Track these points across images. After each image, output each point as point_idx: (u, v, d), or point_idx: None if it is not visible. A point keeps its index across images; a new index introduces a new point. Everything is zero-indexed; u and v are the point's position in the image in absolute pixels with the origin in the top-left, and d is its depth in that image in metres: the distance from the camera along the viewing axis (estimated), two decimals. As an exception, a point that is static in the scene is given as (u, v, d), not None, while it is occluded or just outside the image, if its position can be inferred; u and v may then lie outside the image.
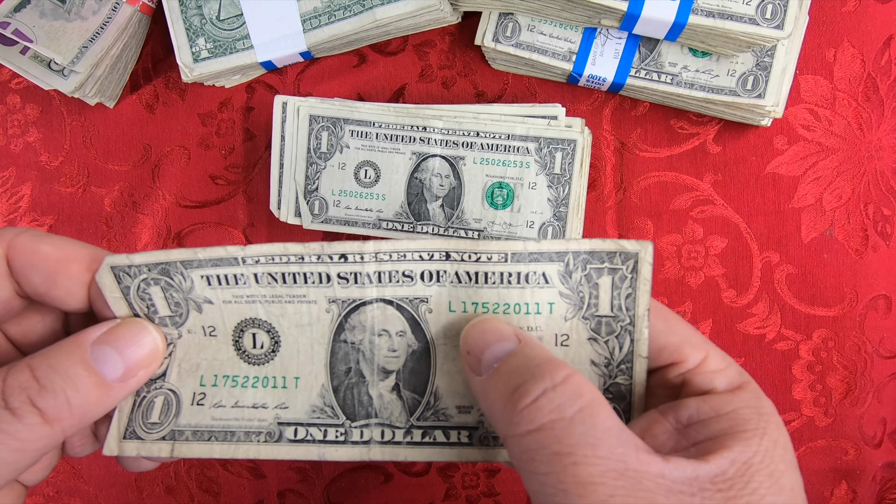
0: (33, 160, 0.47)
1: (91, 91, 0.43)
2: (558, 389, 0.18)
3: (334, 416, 0.23)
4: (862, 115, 0.42)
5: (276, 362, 0.23)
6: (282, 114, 0.41)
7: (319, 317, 0.23)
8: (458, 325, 0.23)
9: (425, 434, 0.23)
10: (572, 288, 0.22)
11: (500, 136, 0.39)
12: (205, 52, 0.42)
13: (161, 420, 0.23)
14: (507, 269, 0.22)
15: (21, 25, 0.41)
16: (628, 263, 0.22)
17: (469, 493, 0.45)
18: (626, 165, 0.43)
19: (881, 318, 0.43)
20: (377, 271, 0.22)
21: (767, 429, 0.20)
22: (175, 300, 0.23)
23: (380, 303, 0.23)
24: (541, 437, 0.18)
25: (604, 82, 0.41)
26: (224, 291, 0.23)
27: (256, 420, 0.23)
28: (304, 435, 0.23)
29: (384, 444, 0.23)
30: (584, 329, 0.22)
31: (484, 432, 0.23)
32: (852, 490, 0.43)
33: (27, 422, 0.18)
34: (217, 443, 0.23)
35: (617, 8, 0.37)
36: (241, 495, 0.46)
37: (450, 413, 0.23)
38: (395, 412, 0.23)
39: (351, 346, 0.23)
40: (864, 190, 0.43)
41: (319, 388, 0.23)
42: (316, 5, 0.41)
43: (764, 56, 0.39)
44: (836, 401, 0.43)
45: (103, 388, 0.20)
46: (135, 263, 0.22)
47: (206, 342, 0.23)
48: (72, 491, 0.47)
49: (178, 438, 0.23)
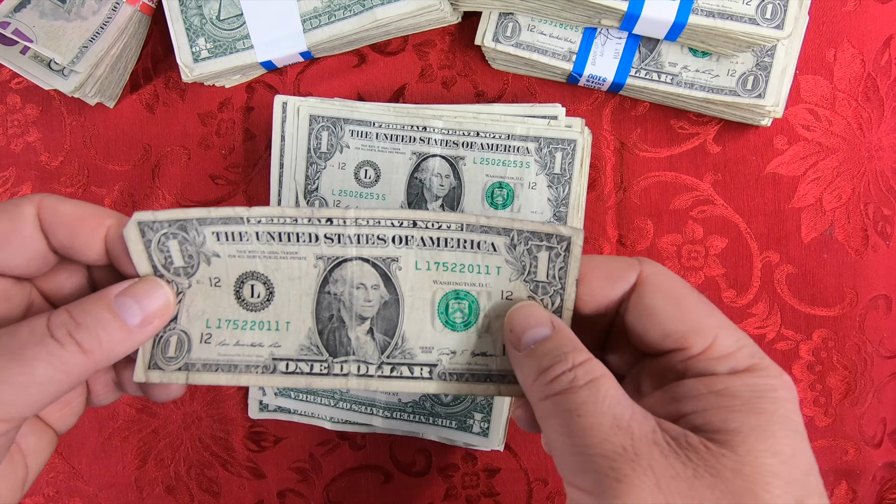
0: (33, 160, 0.47)
1: (91, 91, 0.43)
2: (576, 369, 0.23)
3: (319, 354, 0.27)
4: (862, 115, 0.42)
5: (270, 309, 0.27)
6: (282, 114, 0.41)
7: (308, 271, 0.27)
8: (422, 281, 0.27)
9: (393, 369, 0.28)
10: (516, 257, 0.27)
11: (500, 136, 0.39)
12: (205, 52, 0.42)
13: (176, 355, 0.27)
14: (462, 236, 0.27)
15: (21, 25, 0.41)
16: (563, 244, 0.26)
17: (469, 493, 0.45)
18: (626, 165, 0.43)
19: (881, 318, 0.43)
20: (357, 234, 0.27)
21: (762, 403, 0.21)
22: (188, 253, 0.27)
23: (358, 261, 0.27)
24: (558, 400, 0.22)
25: (604, 82, 0.41)
26: (230, 247, 0.27)
27: (254, 356, 0.27)
28: (294, 368, 0.28)
29: (360, 377, 0.27)
30: (524, 289, 0.27)
31: (441, 369, 0.27)
32: (852, 490, 0.43)
33: (68, 349, 0.23)
34: (223, 373, 0.27)
35: (617, 8, 0.37)
36: (241, 495, 0.46)
37: (414, 353, 0.27)
38: (369, 351, 0.27)
39: (333, 297, 0.27)
40: (864, 190, 0.43)
41: (307, 331, 0.27)
42: (316, 5, 0.41)
43: (764, 56, 0.39)
44: (836, 401, 0.43)
45: (125, 331, 0.24)
46: (158, 219, 0.26)
47: (212, 291, 0.27)
48: (72, 491, 0.47)
49: (192, 369, 0.27)
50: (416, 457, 0.45)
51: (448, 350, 0.27)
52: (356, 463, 0.46)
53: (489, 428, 0.42)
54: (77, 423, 0.47)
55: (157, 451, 0.47)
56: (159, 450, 0.47)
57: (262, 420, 0.46)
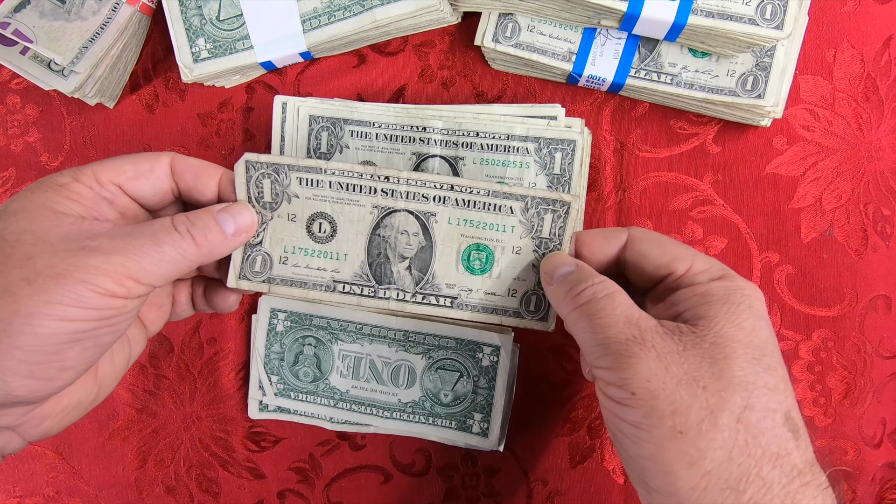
0: (33, 160, 0.47)
1: (91, 91, 0.43)
2: (595, 286, 0.30)
3: (368, 281, 0.36)
4: (862, 115, 0.42)
5: (333, 243, 0.36)
6: (282, 114, 0.41)
7: (365, 216, 0.35)
8: (452, 233, 0.35)
9: (424, 298, 0.36)
10: (528, 219, 0.35)
11: (499, 137, 0.39)
12: (205, 53, 0.42)
13: (261, 270, 0.36)
14: (488, 200, 0.35)
15: (21, 26, 0.41)
16: (563, 208, 0.34)
17: (469, 494, 0.45)
18: (625, 166, 0.43)
19: (881, 319, 0.43)
20: (406, 191, 0.35)
21: (731, 297, 0.29)
22: (276, 191, 0.35)
23: (405, 212, 0.35)
24: (582, 308, 0.30)
25: (603, 82, 0.41)
26: (307, 190, 0.35)
27: (319, 278, 0.36)
28: (349, 290, 0.36)
29: (398, 301, 0.36)
30: (531, 244, 0.35)
31: (460, 301, 0.36)
32: (852, 490, 0.43)
33: (186, 240, 0.30)
34: (296, 288, 0.36)
35: (617, 8, 0.37)
36: (241, 495, 0.46)
37: (441, 287, 0.36)
38: (406, 282, 0.36)
39: (382, 239, 0.36)
40: (864, 190, 0.43)
41: (360, 263, 0.36)
42: (316, 6, 0.41)
43: (763, 56, 0.39)
44: (836, 401, 0.43)
45: (223, 236, 0.32)
46: (260, 161, 0.35)
47: (288, 224, 0.36)
48: (72, 491, 0.47)
49: (272, 283, 0.36)
50: (416, 457, 0.45)
51: (467, 288, 0.36)
52: (356, 463, 0.46)
53: (489, 428, 0.42)
54: (77, 423, 0.48)
55: (157, 451, 0.47)
56: (159, 450, 0.47)
57: (261, 420, 0.46)
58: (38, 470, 0.48)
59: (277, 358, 0.44)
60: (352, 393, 0.43)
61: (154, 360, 0.46)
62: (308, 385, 0.43)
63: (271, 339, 0.44)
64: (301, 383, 0.44)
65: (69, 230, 0.29)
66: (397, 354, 0.43)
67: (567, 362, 0.44)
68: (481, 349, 0.42)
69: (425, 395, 0.43)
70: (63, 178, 0.31)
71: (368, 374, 0.43)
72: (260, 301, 0.44)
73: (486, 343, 0.42)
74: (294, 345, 0.43)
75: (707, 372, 0.27)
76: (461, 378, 0.42)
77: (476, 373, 0.42)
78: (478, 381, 0.42)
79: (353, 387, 0.43)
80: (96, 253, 0.28)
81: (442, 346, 0.42)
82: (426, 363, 0.42)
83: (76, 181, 0.31)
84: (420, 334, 0.42)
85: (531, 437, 0.45)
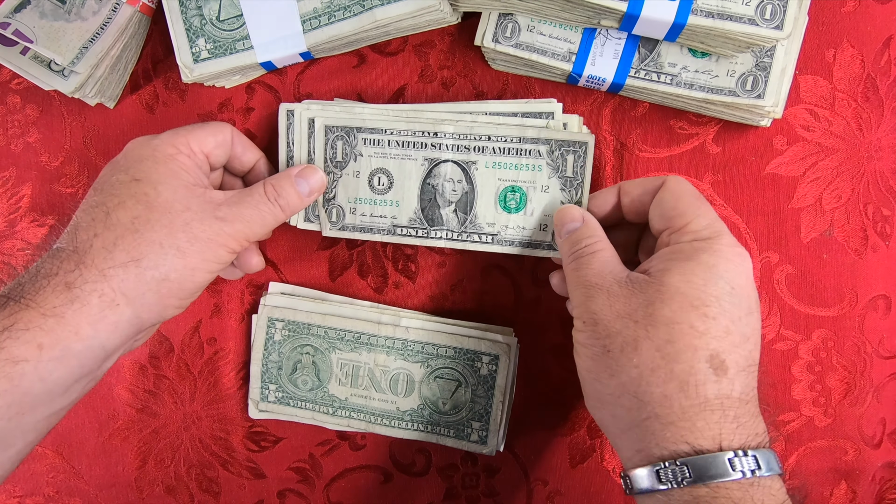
0: (33, 160, 0.47)
1: (91, 91, 0.43)
2: (589, 244, 0.36)
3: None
4: (861, 115, 0.42)
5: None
6: (286, 120, 0.42)
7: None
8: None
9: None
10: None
11: (511, 140, 0.40)
12: (205, 53, 0.42)
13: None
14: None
15: (21, 26, 0.41)
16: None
17: (469, 493, 0.45)
18: (625, 166, 0.43)
19: (881, 319, 0.43)
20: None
21: (696, 255, 0.32)
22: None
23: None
24: (575, 262, 0.36)
25: (603, 83, 0.41)
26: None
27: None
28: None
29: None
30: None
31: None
32: (852, 490, 0.43)
33: (276, 206, 0.38)
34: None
35: (616, 8, 0.37)
36: (241, 495, 0.46)
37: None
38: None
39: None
40: (864, 190, 0.43)
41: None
42: (316, 6, 0.41)
43: (763, 56, 0.39)
44: (836, 401, 0.43)
45: (299, 197, 0.39)
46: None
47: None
48: (72, 491, 0.47)
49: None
50: (416, 457, 0.45)
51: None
52: (356, 463, 0.46)
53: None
54: (77, 424, 0.48)
55: (157, 451, 0.47)
56: (159, 450, 0.47)
57: (261, 420, 0.46)
58: (38, 470, 0.48)
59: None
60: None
61: (154, 360, 0.46)
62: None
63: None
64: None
65: (201, 201, 0.36)
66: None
67: (567, 362, 0.44)
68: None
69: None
70: (168, 149, 0.37)
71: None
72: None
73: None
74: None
75: (642, 311, 0.32)
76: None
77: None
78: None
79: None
80: (225, 222, 0.36)
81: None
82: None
83: (180, 153, 0.37)
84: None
85: (531, 437, 0.45)
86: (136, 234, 0.34)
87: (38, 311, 0.32)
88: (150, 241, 0.34)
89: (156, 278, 0.34)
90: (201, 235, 0.35)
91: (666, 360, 0.31)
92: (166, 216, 0.35)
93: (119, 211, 0.35)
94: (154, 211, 0.35)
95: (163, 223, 0.35)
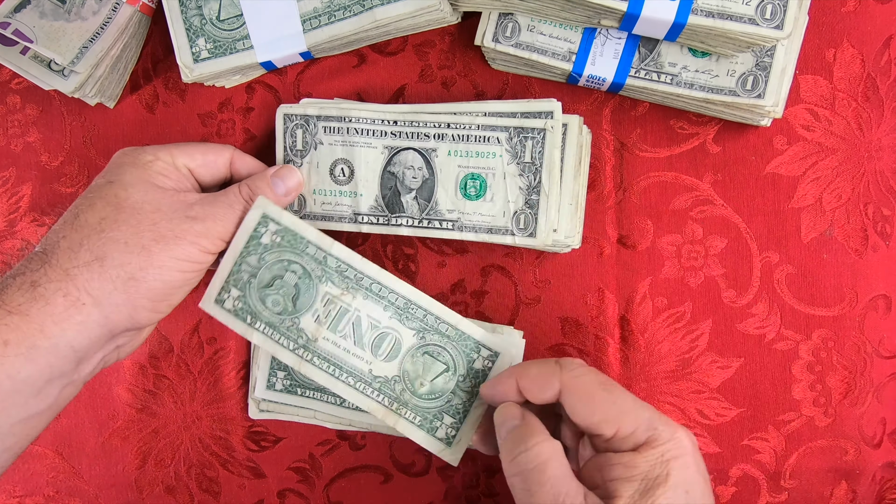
0: (33, 160, 0.47)
1: (91, 91, 0.43)
2: (530, 451, 0.32)
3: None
4: (862, 115, 0.42)
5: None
6: (283, 125, 0.42)
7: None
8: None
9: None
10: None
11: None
12: (205, 53, 0.42)
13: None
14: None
15: (21, 26, 0.41)
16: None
17: (469, 493, 0.45)
18: (625, 165, 0.43)
19: (881, 318, 0.43)
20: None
21: (650, 472, 0.31)
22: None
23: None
24: (519, 478, 0.32)
25: (603, 82, 0.41)
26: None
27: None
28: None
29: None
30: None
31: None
32: (852, 490, 0.43)
33: (249, 205, 0.38)
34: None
35: (617, 8, 0.37)
36: (241, 495, 0.46)
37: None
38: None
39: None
40: (864, 190, 0.43)
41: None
42: (316, 6, 0.41)
43: (763, 56, 0.39)
44: (836, 401, 0.43)
45: (275, 197, 0.39)
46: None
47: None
48: (72, 491, 0.47)
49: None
50: (416, 457, 0.45)
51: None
52: (356, 463, 0.46)
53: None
54: (77, 424, 0.48)
55: (157, 451, 0.47)
56: (159, 450, 0.47)
57: (261, 420, 0.46)
58: (38, 470, 0.48)
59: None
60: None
61: (154, 359, 0.46)
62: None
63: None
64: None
65: (172, 201, 0.36)
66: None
67: (567, 362, 0.44)
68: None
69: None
70: (147, 157, 0.38)
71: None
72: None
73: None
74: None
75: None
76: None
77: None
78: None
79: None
80: (196, 220, 0.36)
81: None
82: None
83: (158, 160, 0.38)
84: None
85: (531, 436, 0.45)
86: (101, 233, 0.35)
87: (3, 308, 0.33)
88: (114, 240, 0.34)
89: (121, 277, 0.34)
90: (168, 234, 0.35)
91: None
92: (134, 216, 0.35)
93: (88, 213, 0.35)
94: (122, 211, 0.35)
95: (130, 223, 0.35)
